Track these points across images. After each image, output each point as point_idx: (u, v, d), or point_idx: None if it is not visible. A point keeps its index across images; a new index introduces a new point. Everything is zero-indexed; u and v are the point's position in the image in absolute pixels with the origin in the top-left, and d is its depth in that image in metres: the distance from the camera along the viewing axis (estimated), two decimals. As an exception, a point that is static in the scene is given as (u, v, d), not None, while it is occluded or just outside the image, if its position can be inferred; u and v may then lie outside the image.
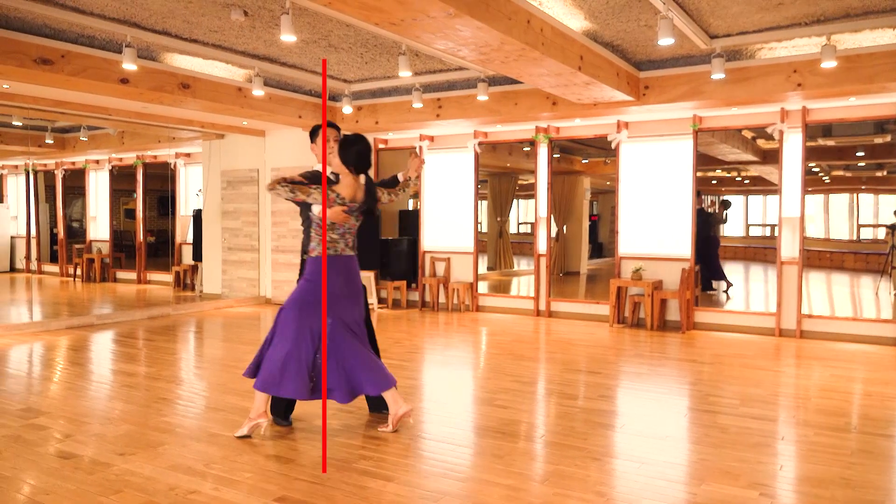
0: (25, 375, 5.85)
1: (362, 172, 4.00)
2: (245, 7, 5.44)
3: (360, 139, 3.98)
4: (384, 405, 4.32)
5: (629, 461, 3.65)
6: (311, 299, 3.90)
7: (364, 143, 3.98)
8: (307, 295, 3.91)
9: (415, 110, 8.42)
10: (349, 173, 3.94)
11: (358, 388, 3.94)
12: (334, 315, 3.92)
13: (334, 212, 3.86)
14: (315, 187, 3.83)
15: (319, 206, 3.85)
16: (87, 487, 3.23)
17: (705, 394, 5.10)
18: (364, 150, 3.96)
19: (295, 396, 3.88)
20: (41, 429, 4.14)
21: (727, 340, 7.32)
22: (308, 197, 3.81)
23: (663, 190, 8.25)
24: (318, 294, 3.89)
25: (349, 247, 4.01)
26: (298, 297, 3.92)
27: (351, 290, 4.01)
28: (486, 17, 4.48)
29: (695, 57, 6.77)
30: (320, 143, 4.23)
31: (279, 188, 3.76)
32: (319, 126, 4.27)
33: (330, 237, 3.92)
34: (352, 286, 4.02)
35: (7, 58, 5.77)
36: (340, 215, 3.88)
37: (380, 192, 4.08)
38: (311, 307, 3.89)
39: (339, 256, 3.95)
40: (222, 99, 7.66)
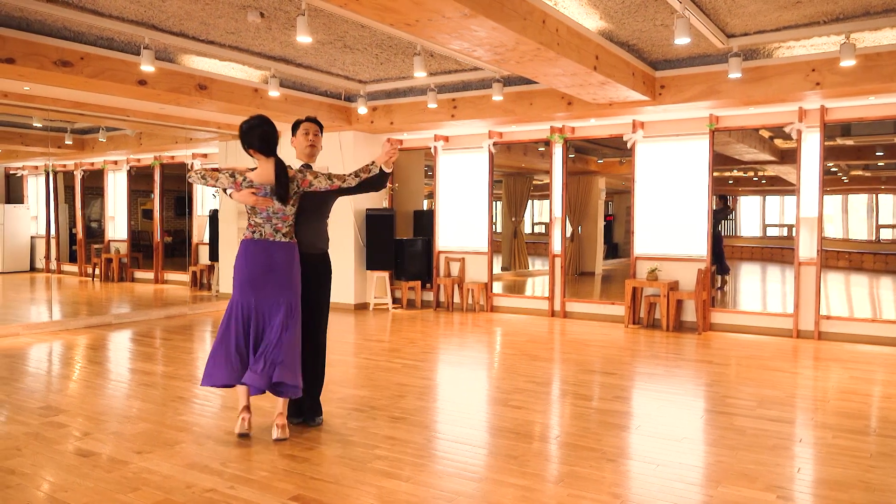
0: (45, 374, 5.92)
1: (271, 155, 3.97)
2: (261, 9, 5.47)
3: (261, 122, 3.97)
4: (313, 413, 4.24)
5: (645, 463, 3.63)
6: (235, 283, 3.98)
7: (265, 126, 3.97)
8: (233, 280, 4.01)
9: (430, 111, 8.43)
10: (263, 158, 3.96)
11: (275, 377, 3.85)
12: (254, 299, 3.90)
13: (242, 195, 3.90)
14: (225, 172, 3.90)
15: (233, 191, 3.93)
16: (106, 485, 3.26)
17: (722, 395, 5.06)
18: (265, 133, 3.95)
19: (224, 383, 3.90)
20: (60, 426, 4.19)
21: (744, 342, 7.26)
22: (216, 182, 3.90)
23: (679, 190, 8.20)
24: (238, 278, 3.96)
25: (279, 232, 3.93)
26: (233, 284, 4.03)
27: (276, 278, 3.90)
28: (502, 17, 4.48)
29: (711, 56, 6.73)
30: (298, 136, 4.26)
31: (193, 175, 3.95)
32: (300, 120, 4.29)
33: (254, 221, 3.96)
34: (276, 274, 3.90)
35: (28, 60, 5.84)
36: (250, 198, 3.89)
37: (310, 176, 3.93)
38: (236, 291, 3.96)
39: (261, 241, 3.92)
40: (239, 100, 7.71)
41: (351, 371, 5.93)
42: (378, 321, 8.70)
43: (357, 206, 9.65)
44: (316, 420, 4.24)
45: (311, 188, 3.95)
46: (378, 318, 8.90)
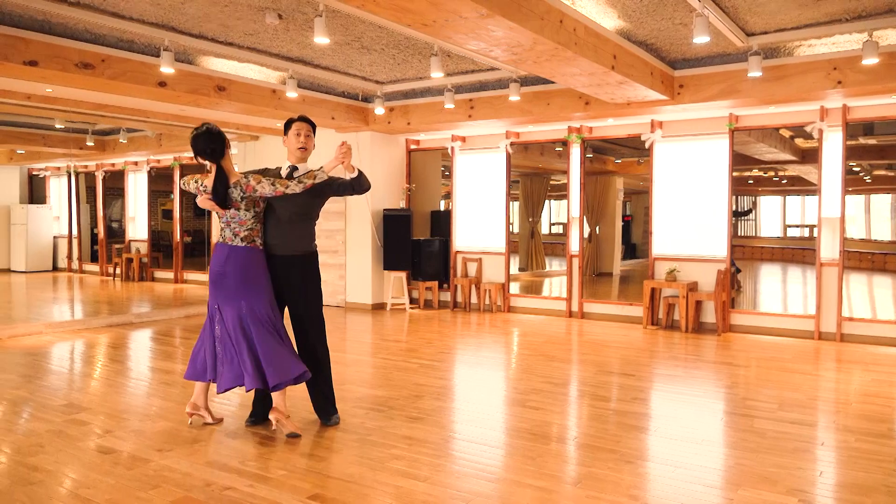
0: (67, 372, 6.00)
1: (214, 161, 4.03)
2: (280, 10, 5.50)
3: (202, 129, 4.04)
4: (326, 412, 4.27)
5: (663, 465, 3.61)
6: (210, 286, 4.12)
7: (208, 134, 4.03)
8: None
9: (446, 111, 8.43)
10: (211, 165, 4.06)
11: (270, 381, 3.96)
12: (217, 300, 4.04)
13: (200, 200, 4.07)
14: (193, 178, 4.10)
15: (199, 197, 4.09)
16: (127, 482, 3.30)
17: (742, 397, 5.01)
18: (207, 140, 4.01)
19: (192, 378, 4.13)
20: (82, 424, 4.24)
21: (764, 343, 7.19)
22: (188, 187, 4.13)
23: (698, 190, 8.14)
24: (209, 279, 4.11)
25: (237, 237, 4.00)
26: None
27: (233, 281, 3.97)
28: (519, 17, 4.47)
29: (731, 55, 6.67)
30: (290, 137, 4.25)
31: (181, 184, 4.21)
32: (292, 120, 4.27)
33: (220, 225, 4.11)
34: (232, 277, 3.97)
35: (50, 62, 5.92)
36: (206, 203, 4.04)
37: (253, 181, 3.95)
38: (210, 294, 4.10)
39: (222, 245, 4.05)
40: (257, 101, 7.76)
41: (368, 371, 5.95)
42: (395, 321, 8.71)
43: (374, 207, 9.68)
44: (332, 419, 4.25)
45: (255, 193, 3.97)
46: (395, 319, 8.92)
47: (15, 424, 4.29)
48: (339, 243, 9.94)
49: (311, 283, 4.21)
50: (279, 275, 4.14)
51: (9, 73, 6.03)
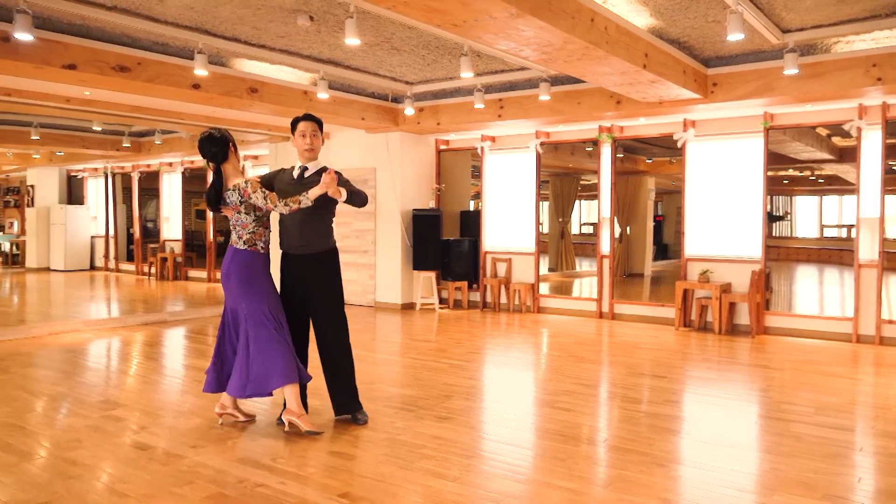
0: (104, 369, 6.13)
1: (216, 163, 4.08)
2: (311, 12, 5.55)
3: (206, 134, 4.08)
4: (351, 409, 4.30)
5: (696, 468, 3.56)
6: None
7: (203, 138, 4.07)
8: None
9: (476, 111, 8.43)
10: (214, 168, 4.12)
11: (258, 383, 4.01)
12: (227, 302, 4.13)
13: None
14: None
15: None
16: (162, 478, 3.36)
17: (777, 401, 4.92)
18: (206, 145, 4.05)
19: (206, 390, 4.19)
20: (118, 420, 4.32)
21: (801, 346, 7.05)
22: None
23: (732, 190, 8.01)
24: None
25: (240, 239, 4.08)
26: None
27: (235, 283, 4.05)
28: (549, 16, 4.45)
29: (766, 52, 6.55)
30: (296, 137, 4.23)
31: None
32: (298, 119, 4.24)
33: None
34: (234, 279, 4.06)
35: (88, 66, 6.05)
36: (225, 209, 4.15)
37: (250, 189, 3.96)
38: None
39: (230, 246, 4.15)
40: (288, 102, 7.84)
41: (398, 370, 5.97)
42: (424, 321, 8.73)
43: (404, 207, 9.71)
44: (359, 418, 4.28)
45: (250, 200, 4.01)
46: (424, 318, 8.94)
47: (54, 420, 4.40)
48: (368, 243, 9.99)
49: (330, 280, 4.22)
50: (298, 274, 4.18)
51: (49, 76, 6.19)
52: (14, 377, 5.48)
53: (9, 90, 7.46)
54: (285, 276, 4.26)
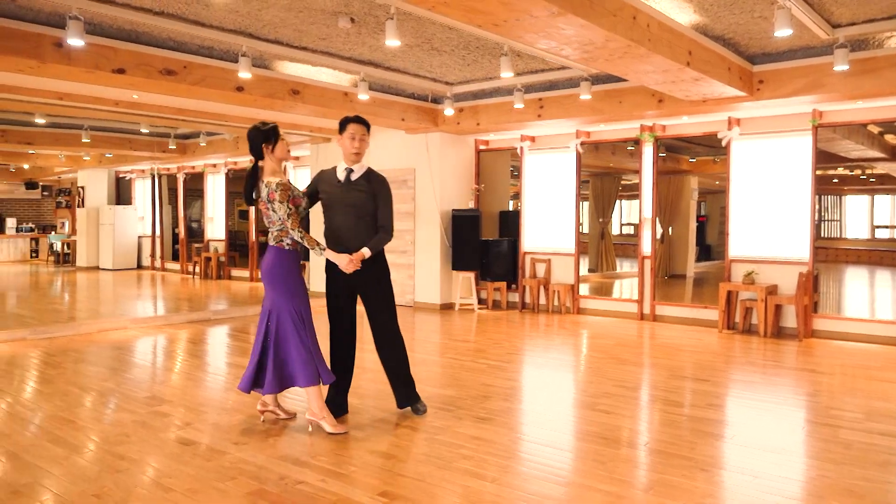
0: (150, 365, 6.28)
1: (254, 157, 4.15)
2: (352, 14, 5.60)
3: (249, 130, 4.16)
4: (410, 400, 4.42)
5: (740, 474, 3.48)
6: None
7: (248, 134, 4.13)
8: None
9: (516, 111, 8.39)
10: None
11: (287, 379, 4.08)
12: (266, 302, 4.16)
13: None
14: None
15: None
16: (205, 473, 3.42)
17: (825, 406, 4.79)
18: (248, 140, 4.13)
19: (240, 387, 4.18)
20: (164, 416, 4.43)
21: (850, 350, 6.85)
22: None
23: (779, 189, 7.83)
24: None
25: (271, 237, 4.12)
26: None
27: (266, 280, 4.12)
28: (591, 14, 4.40)
29: (815, 48, 6.38)
30: (344, 138, 4.24)
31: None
32: (348, 119, 4.26)
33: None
34: (265, 276, 4.12)
35: (137, 70, 6.21)
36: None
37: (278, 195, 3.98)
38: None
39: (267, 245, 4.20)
40: (329, 104, 7.92)
41: (436, 370, 5.98)
42: (463, 321, 8.73)
43: (443, 207, 9.73)
44: (419, 409, 4.42)
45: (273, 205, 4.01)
46: (463, 319, 8.94)
47: (103, 414, 4.52)
48: (408, 243, 10.03)
49: (381, 277, 4.32)
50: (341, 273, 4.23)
51: (99, 80, 6.37)
52: (65, 373, 5.66)
53: (61, 94, 7.71)
54: (330, 274, 4.32)
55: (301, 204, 4.11)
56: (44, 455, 3.67)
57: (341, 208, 4.20)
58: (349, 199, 4.18)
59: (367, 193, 4.20)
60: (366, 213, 4.22)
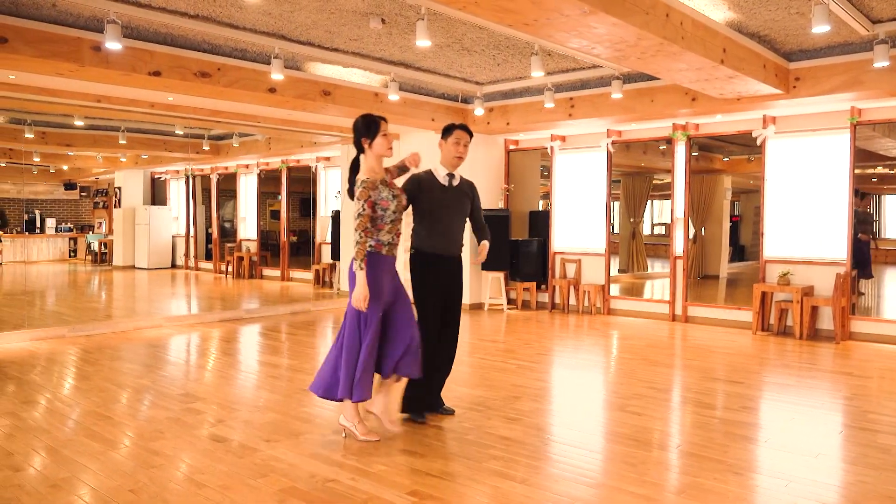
0: (184, 363, 6.38)
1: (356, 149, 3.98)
2: (383, 15, 5.63)
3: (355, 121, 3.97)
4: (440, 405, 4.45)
5: (775, 478, 3.42)
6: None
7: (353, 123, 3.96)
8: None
9: (546, 110, 8.35)
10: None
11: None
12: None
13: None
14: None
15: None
16: (237, 470, 3.47)
17: (863, 410, 4.68)
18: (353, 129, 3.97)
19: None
20: (197, 413, 4.49)
21: (889, 353, 6.68)
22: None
23: (816, 189, 7.67)
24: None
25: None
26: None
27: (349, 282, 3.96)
28: (622, 12, 4.37)
29: (853, 44, 6.24)
30: (449, 143, 4.34)
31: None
32: (454, 126, 4.36)
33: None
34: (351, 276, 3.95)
35: (172, 72, 6.32)
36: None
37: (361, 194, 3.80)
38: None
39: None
40: (360, 104, 7.97)
41: (466, 371, 5.98)
42: (493, 322, 8.72)
43: (473, 207, 9.70)
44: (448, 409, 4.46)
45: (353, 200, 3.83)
46: (493, 319, 8.92)
47: (138, 411, 4.61)
48: (437, 243, 10.03)
49: (462, 281, 4.45)
50: (447, 275, 4.29)
51: (136, 83, 6.49)
52: (102, 369, 5.78)
53: (99, 97, 7.86)
54: (433, 277, 4.26)
55: (389, 207, 3.84)
56: (81, 450, 3.76)
57: (447, 212, 4.28)
58: (455, 202, 4.31)
59: (467, 197, 4.39)
60: (465, 215, 4.41)
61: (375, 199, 3.81)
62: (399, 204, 3.91)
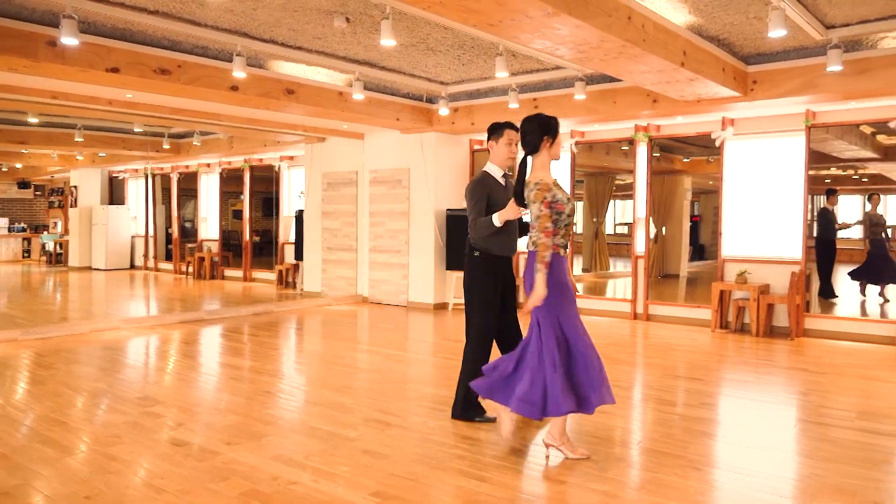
0: (143, 366, 6.25)
1: (525, 149, 3.82)
2: (347, 13, 5.59)
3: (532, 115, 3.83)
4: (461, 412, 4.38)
5: (732, 472, 3.49)
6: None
7: (526, 118, 3.81)
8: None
9: (511, 111, 8.39)
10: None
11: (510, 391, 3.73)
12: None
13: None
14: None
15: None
16: (197, 474, 3.41)
17: (817, 405, 4.81)
18: (522, 123, 3.81)
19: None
20: (156, 416, 4.41)
21: (841, 349, 6.87)
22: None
23: (772, 189, 7.85)
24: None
25: (530, 240, 3.79)
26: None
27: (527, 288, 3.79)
28: (586, 14, 4.41)
29: (808, 49, 6.41)
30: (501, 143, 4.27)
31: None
32: (505, 125, 4.25)
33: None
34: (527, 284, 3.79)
35: (131, 69, 6.19)
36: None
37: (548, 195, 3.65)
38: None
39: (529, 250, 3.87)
40: (324, 103, 7.91)
41: (430, 370, 5.98)
42: (457, 321, 8.73)
43: (438, 207, 9.72)
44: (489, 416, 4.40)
45: (532, 204, 3.66)
46: (457, 319, 8.93)
47: (95, 415, 4.51)
48: (402, 243, 10.03)
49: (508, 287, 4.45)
50: (505, 275, 4.36)
51: (93, 79, 6.35)
52: (57, 373, 5.63)
53: (55, 93, 7.67)
54: (497, 278, 4.33)
55: (564, 210, 3.68)
56: (34, 456, 3.66)
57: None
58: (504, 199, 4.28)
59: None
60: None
61: (552, 201, 3.65)
62: (572, 208, 3.78)
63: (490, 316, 4.29)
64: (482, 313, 4.27)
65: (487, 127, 4.35)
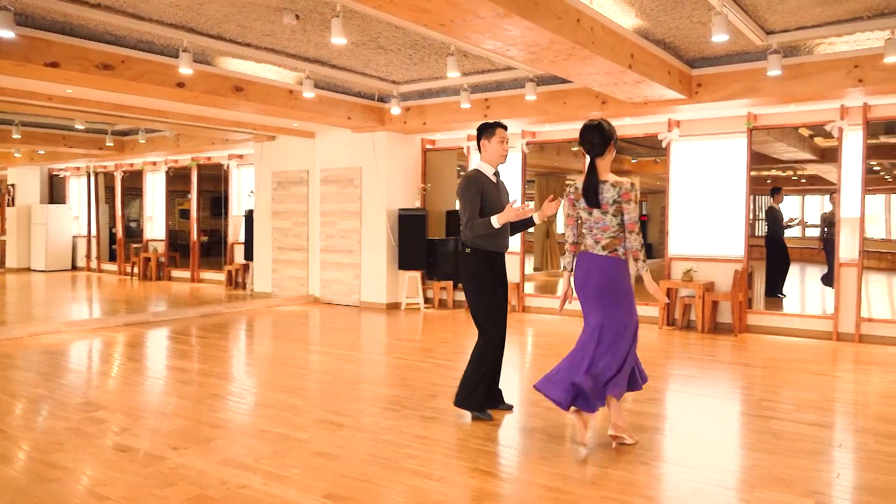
0: (85, 370, 6.07)
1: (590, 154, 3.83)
2: (297, 11, 5.53)
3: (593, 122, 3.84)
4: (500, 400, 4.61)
5: (678, 465, 3.58)
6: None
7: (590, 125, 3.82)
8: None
9: (462, 111, 8.43)
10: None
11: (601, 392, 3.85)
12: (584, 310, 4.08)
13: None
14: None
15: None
16: (143, 480, 3.33)
17: (758, 398, 4.97)
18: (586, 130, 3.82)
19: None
20: (100, 422, 4.28)
21: (782, 344, 7.12)
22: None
23: (716, 190, 8.07)
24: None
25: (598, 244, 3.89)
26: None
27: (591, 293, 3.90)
28: (536, 16, 4.46)
29: (750, 53, 6.61)
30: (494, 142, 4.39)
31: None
32: (496, 125, 4.40)
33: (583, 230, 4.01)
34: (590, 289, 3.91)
35: (71, 63, 5.99)
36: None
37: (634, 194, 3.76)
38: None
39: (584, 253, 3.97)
40: (274, 101, 7.80)
41: (382, 370, 5.97)
42: (410, 321, 8.73)
43: (390, 206, 9.69)
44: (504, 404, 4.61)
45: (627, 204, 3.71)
46: (410, 318, 8.93)
47: (34, 422, 4.35)
48: (354, 243, 9.97)
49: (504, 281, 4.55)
50: (501, 270, 4.46)
51: (31, 74, 6.12)
52: (-6, 378, 5.42)
53: (-11, 88, 7.37)
54: (494, 274, 4.43)
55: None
56: (-30, 465, 3.51)
57: (498, 208, 4.36)
58: (501, 198, 4.44)
59: (504, 193, 4.55)
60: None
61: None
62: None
63: (494, 303, 4.42)
64: (484, 303, 4.42)
65: (477, 127, 4.51)
